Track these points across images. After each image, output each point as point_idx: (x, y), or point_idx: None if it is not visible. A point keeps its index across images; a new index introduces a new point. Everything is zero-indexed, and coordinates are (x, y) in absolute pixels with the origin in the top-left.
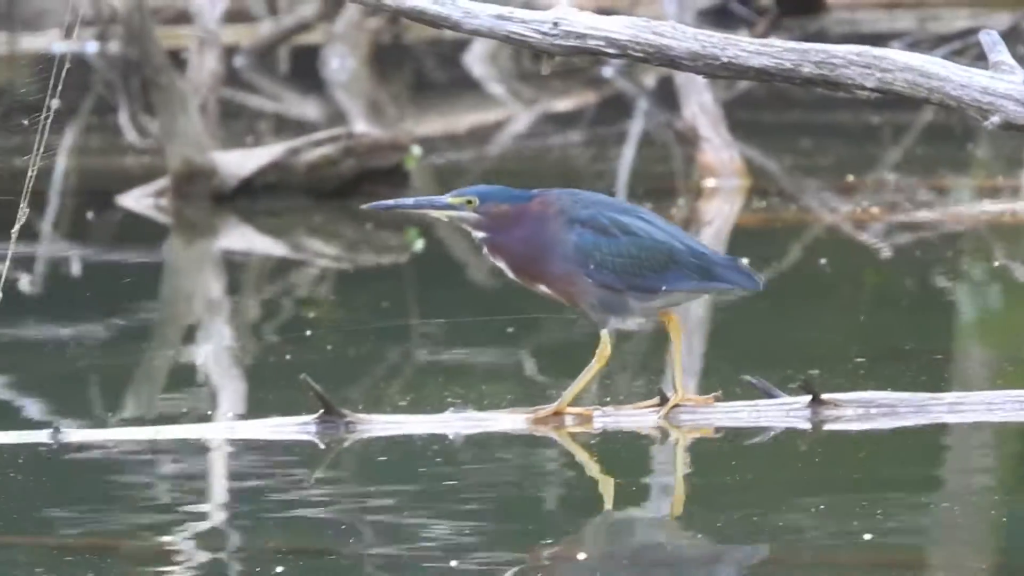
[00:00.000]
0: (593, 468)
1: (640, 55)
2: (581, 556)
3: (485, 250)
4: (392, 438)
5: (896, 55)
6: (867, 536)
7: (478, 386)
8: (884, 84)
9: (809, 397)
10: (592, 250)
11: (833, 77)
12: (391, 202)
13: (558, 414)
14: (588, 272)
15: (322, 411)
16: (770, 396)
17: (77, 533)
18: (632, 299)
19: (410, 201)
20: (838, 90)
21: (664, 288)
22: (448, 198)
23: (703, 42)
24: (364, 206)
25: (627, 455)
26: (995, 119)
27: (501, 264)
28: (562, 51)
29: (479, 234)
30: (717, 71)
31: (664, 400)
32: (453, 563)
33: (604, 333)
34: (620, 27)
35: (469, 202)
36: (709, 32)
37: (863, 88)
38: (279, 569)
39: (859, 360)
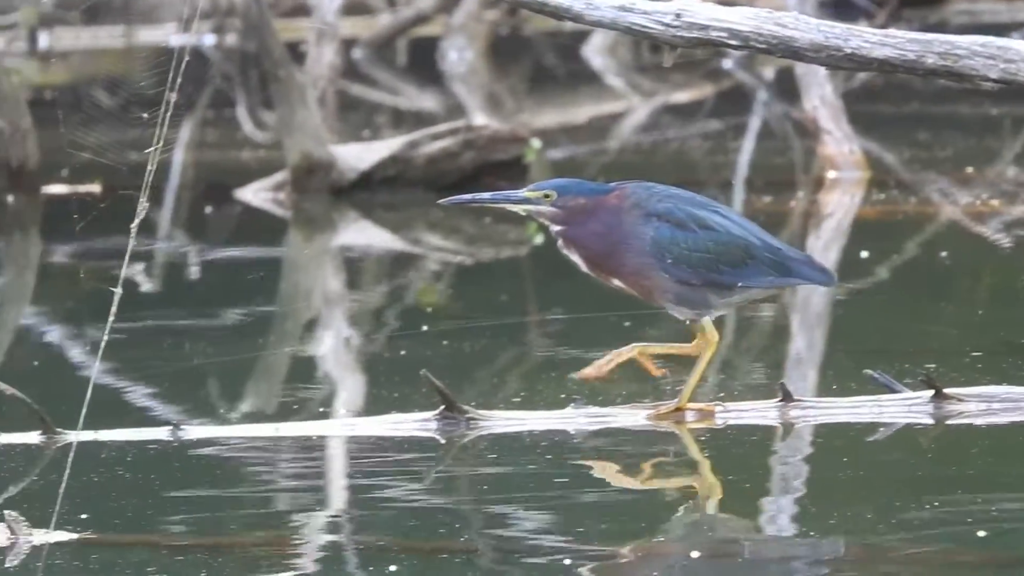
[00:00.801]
0: (712, 464)
1: (763, 47)
2: (695, 554)
3: (560, 243)
4: (511, 435)
5: (1020, 46)
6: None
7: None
8: (1008, 75)
9: (931, 392)
10: (669, 244)
11: (957, 68)
12: (467, 196)
13: (679, 410)
14: (664, 267)
15: (442, 407)
16: (892, 391)
17: (191, 532)
18: (710, 294)
19: (487, 195)
20: (962, 81)
21: (740, 284)
22: (525, 192)
23: (826, 33)
24: (441, 201)
25: (746, 451)
26: None
27: (575, 258)
28: (684, 43)
29: (555, 227)
30: (840, 62)
31: (787, 395)
32: (567, 561)
33: (706, 322)
34: (743, 18)
35: (547, 196)
36: (832, 23)
37: (987, 79)
38: (392, 568)
39: (976, 354)
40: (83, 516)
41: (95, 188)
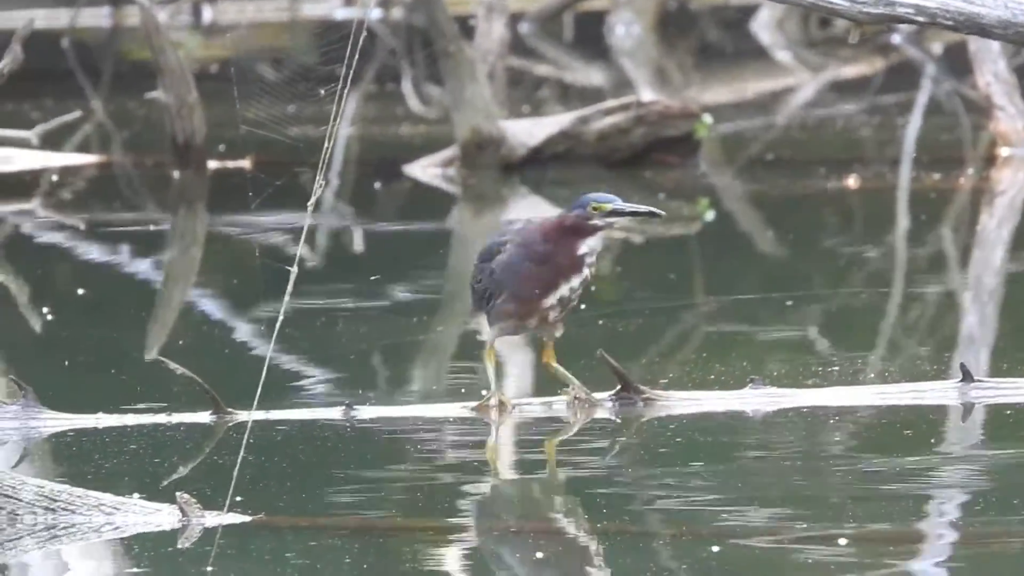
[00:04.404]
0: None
1: (949, 23)
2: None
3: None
4: (690, 415)
5: None
6: None
7: (766, 361)
8: None
9: None
10: None
11: None
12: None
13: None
14: None
15: (619, 387)
16: None
17: (362, 514)
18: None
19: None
20: None
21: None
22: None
23: (1013, 9)
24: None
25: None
26: None
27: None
28: (871, 19)
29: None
30: None
31: (967, 375)
32: (715, 548)
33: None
34: None
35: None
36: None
37: None
38: (538, 555)
39: None
40: (255, 498)
41: (246, 164)
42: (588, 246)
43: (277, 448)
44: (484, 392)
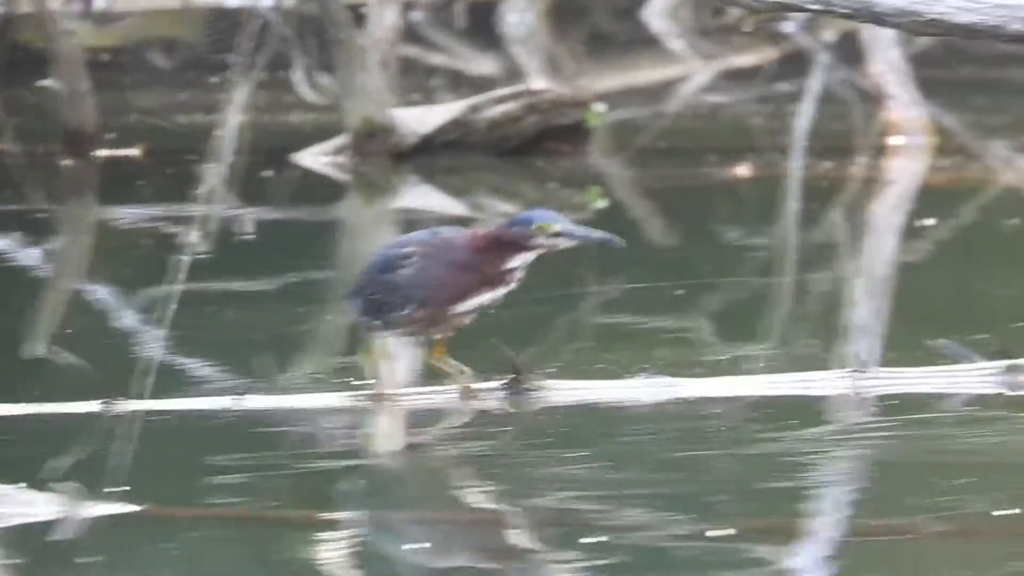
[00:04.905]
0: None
1: (845, 11)
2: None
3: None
4: (580, 404)
5: None
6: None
7: (657, 350)
8: None
9: (1006, 363)
10: None
11: None
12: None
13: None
14: None
15: (510, 376)
16: (963, 361)
17: (244, 504)
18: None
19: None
20: None
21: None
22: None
23: None
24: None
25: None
26: None
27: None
28: (766, 7)
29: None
30: (922, 28)
31: (858, 364)
32: (589, 540)
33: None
34: None
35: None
36: None
37: None
38: (421, 543)
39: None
40: (141, 488)
41: (135, 152)
42: (520, 260)
43: (164, 437)
44: (373, 382)
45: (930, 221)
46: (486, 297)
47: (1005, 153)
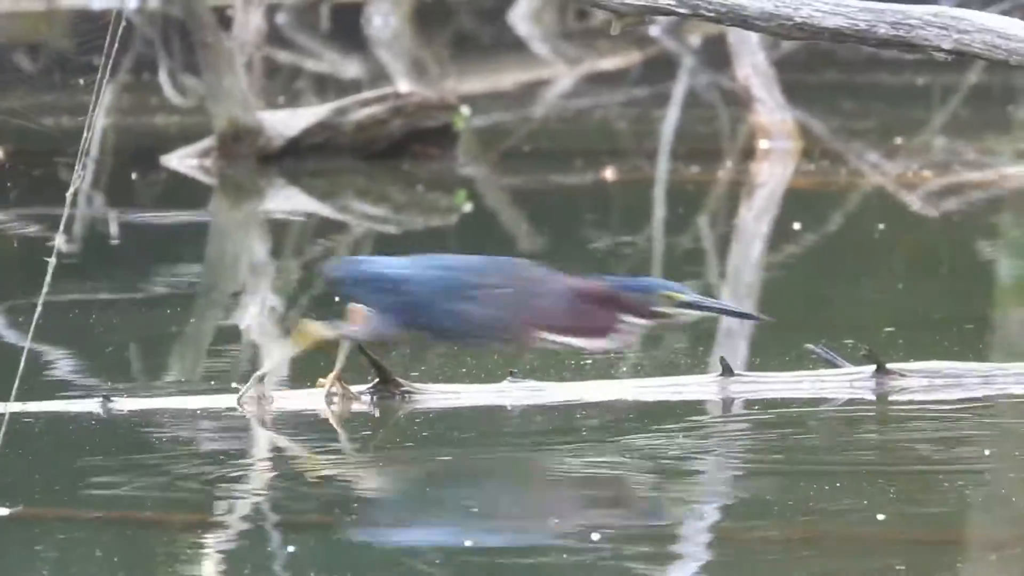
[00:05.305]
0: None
1: (712, 15)
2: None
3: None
4: (450, 408)
5: (974, 16)
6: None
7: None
8: (961, 45)
9: (874, 367)
10: None
11: (909, 38)
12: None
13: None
14: None
15: (377, 380)
16: (833, 365)
17: (116, 507)
18: None
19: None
20: (914, 51)
21: None
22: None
23: (776, 2)
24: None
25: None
26: None
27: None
28: (633, 10)
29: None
30: (790, 32)
31: (727, 369)
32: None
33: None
34: None
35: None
36: None
37: (939, 49)
38: (291, 549)
39: (889, 329)
40: (10, 491)
41: None
42: (634, 325)
43: (33, 440)
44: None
45: (797, 225)
46: (577, 343)
47: (871, 157)
